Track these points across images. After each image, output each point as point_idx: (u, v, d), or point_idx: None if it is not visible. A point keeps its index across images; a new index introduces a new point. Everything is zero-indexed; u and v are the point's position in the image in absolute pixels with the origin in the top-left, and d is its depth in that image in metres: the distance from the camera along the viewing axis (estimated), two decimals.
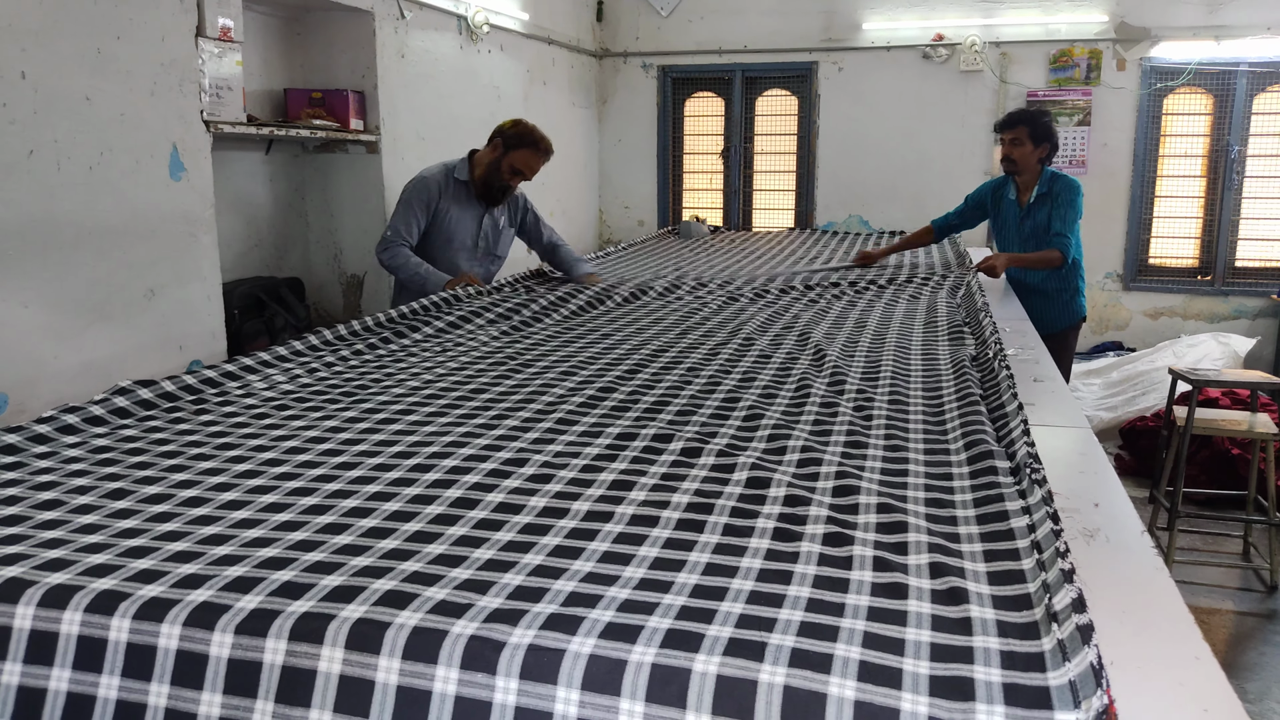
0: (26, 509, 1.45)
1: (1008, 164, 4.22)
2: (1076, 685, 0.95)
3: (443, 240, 3.63)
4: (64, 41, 2.67)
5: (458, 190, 3.63)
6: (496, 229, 3.81)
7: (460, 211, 3.64)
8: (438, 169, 3.63)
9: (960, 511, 1.47)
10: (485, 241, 3.75)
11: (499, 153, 3.56)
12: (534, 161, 3.61)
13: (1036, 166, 4.20)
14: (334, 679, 1.06)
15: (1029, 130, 4.12)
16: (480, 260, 3.80)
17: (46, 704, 1.13)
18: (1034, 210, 4.25)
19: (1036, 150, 4.15)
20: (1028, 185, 4.26)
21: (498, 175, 3.58)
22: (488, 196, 3.65)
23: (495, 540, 1.34)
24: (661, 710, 0.98)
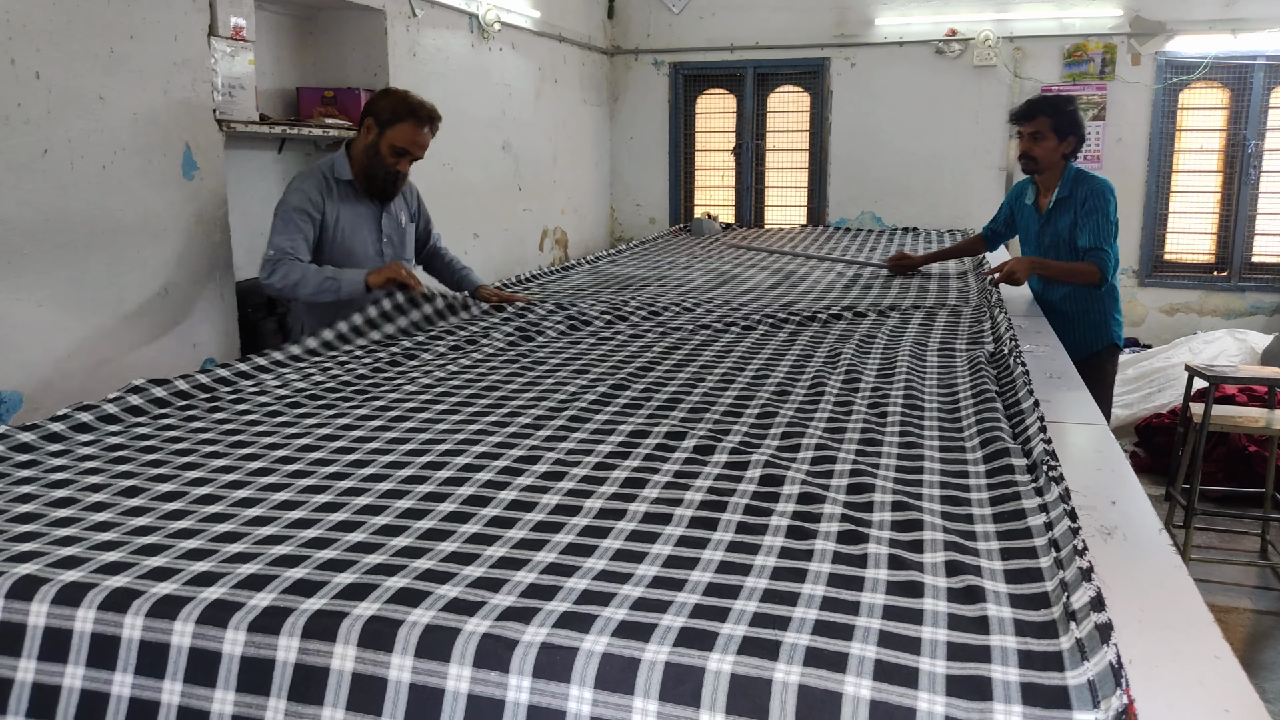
0: (41, 506, 1.46)
1: (1027, 162, 3.58)
2: (1095, 684, 0.94)
3: (340, 254, 3.04)
4: (77, 42, 2.68)
5: (343, 192, 3.05)
6: (399, 228, 3.24)
7: (353, 216, 3.06)
8: (311, 172, 3.04)
9: (976, 509, 1.45)
10: (391, 245, 3.18)
11: (374, 134, 2.99)
12: (417, 135, 3.01)
13: (1060, 163, 3.56)
14: (347, 677, 1.06)
15: (1051, 121, 3.47)
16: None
17: (61, 701, 1.13)
18: (1054, 217, 3.61)
19: (1061, 145, 3.50)
20: (1048, 186, 3.62)
21: (379, 162, 3.00)
22: (377, 190, 3.07)
23: (508, 538, 1.33)
24: (675, 709, 0.97)
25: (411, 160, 3.06)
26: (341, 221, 3.03)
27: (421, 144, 3.04)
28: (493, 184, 5.48)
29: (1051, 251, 3.65)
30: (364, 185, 3.05)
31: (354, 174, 3.04)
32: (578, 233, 6.67)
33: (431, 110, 3.05)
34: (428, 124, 3.04)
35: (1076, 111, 3.53)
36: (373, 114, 2.99)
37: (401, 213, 3.24)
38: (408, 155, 3.03)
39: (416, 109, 2.99)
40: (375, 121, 2.98)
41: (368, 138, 3.00)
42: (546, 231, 6.20)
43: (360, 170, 3.03)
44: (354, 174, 3.04)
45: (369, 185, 3.05)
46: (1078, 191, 3.52)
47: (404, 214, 3.26)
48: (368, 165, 3.01)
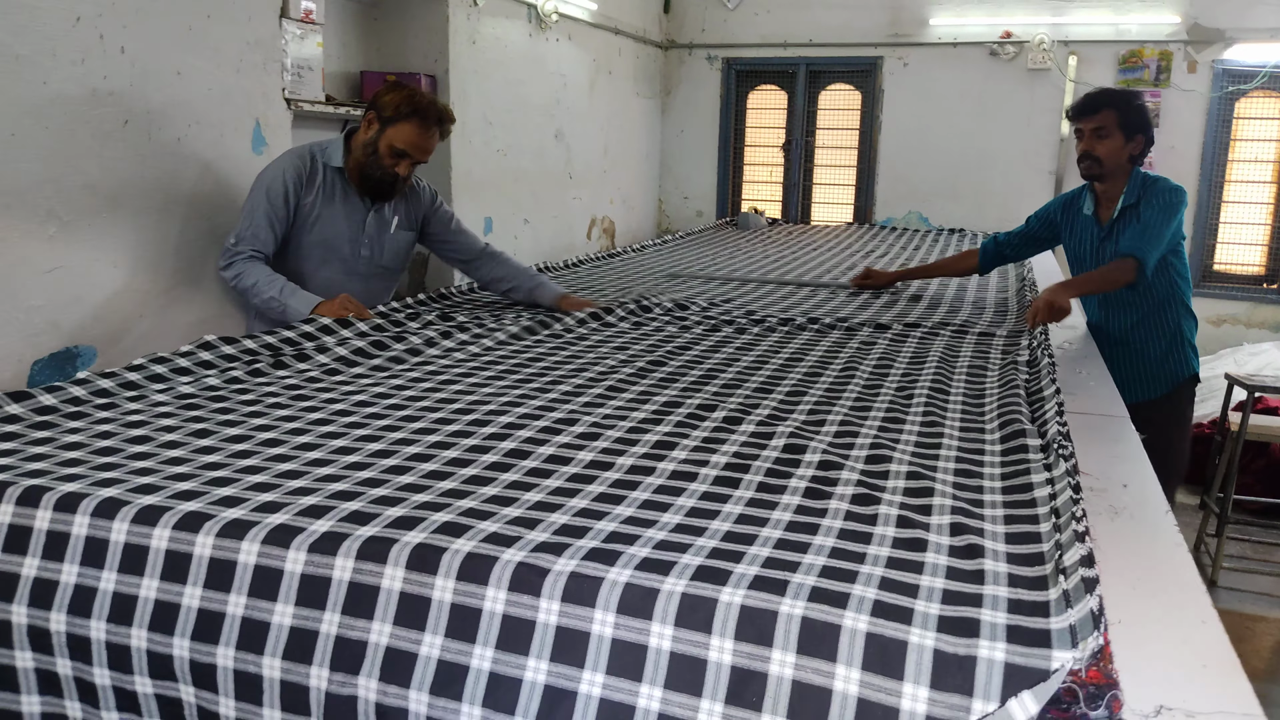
0: (119, 443, 1.60)
1: (1088, 164, 3.03)
2: (1076, 629, 1.02)
3: (309, 248, 2.78)
4: (159, 19, 2.84)
5: (330, 181, 2.77)
6: (384, 233, 2.90)
7: (332, 210, 2.77)
8: (300, 152, 2.78)
9: (987, 482, 1.54)
10: (370, 249, 2.87)
11: (374, 129, 2.71)
12: (422, 139, 2.72)
13: (1126, 167, 3.04)
14: (395, 595, 1.18)
15: (1118, 116, 2.98)
16: (361, 276, 2.89)
17: (137, 609, 1.26)
18: (1119, 230, 3.07)
19: (1128, 145, 3.00)
20: (1111, 195, 3.09)
21: (376, 161, 2.72)
22: (370, 189, 2.78)
23: (545, 486, 1.44)
24: (688, 634, 1.07)
25: (413, 164, 2.77)
26: (320, 212, 2.76)
27: (425, 147, 2.75)
28: (544, 171, 5.60)
29: None
30: (357, 181, 2.79)
31: (348, 166, 2.78)
32: (625, 223, 6.77)
33: (442, 111, 2.76)
34: (435, 126, 2.74)
35: (1145, 108, 3.06)
36: (375, 108, 2.72)
37: (394, 217, 2.91)
38: (406, 158, 2.73)
39: (423, 109, 2.70)
40: (377, 116, 2.71)
41: (368, 132, 2.73)
42: (595, 220, 6.32)
43: (355, 165, 2.77)
44: (348, 166, 2.78)
45: (362, 183, 2.78)
46: (1146, 195, 3.02)
47: (398, 218, 2.93)
48: (364, 162, 2.74)
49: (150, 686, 1.25)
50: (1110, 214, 3.10)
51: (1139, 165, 3.07)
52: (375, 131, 2.71)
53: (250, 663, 1.20)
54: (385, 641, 1.16)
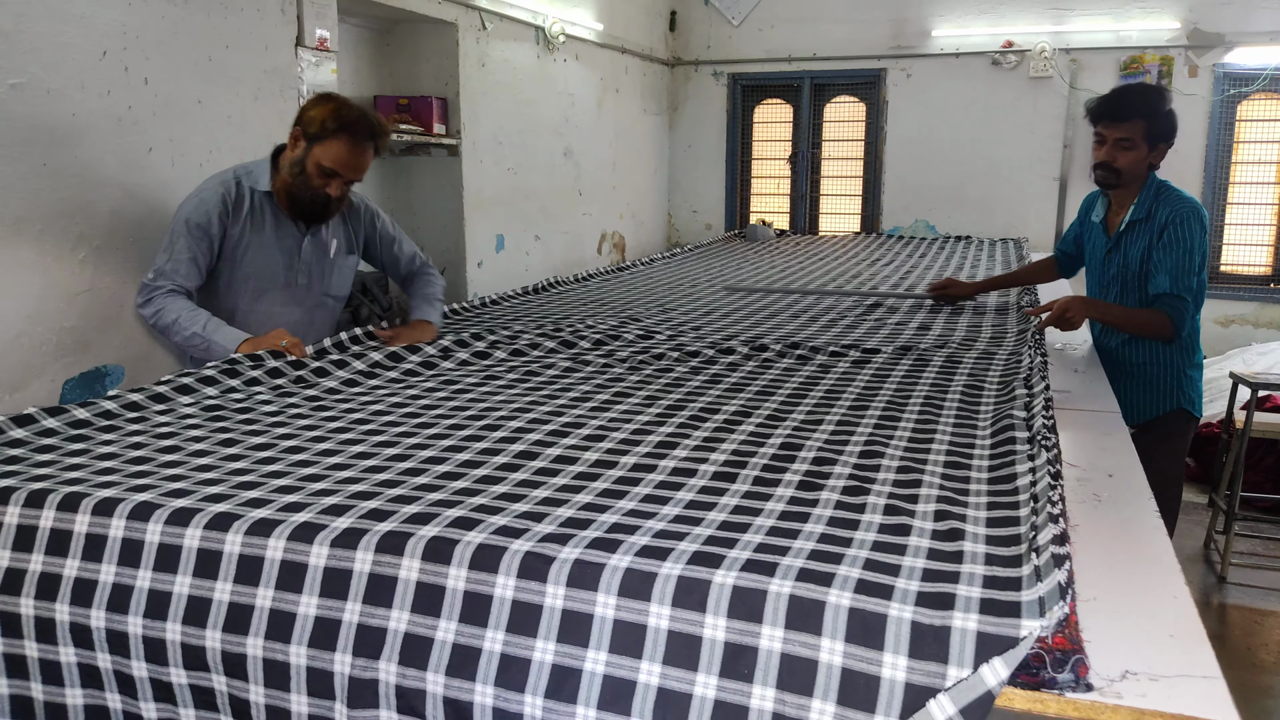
0: (151, 452, 1.69)
1: (1105, 174, 2.77)
2: (1044, 600, 1.09)
3: (241, 281, 2.56)
4: (180, 51, 2.96)
5: (259, 206, 2.56)
6: (324, 258, 2.69)
7: (263, 238, 2.56)
8: (223, 177, 2.55)
9: (974, 474, 1.61)
10: (308, 276, 2.66)
11: (301, 147, 2.48)
12: (352, 156, 2.49)
13: (1143, 174, 2.79)
14: (412, 585, 1.26)
15: (1147, 125, 2.69)
16: (302, 306, 2.68)
17: (171, 605, 1.35)
18: (1126, 242, 2.83)
19: (1151, 154, 2.74)
20: (1122, 202, 2.84)
21: (304, 182, 2.50)
22: (301, 213, 2.57)
23: (551, 484, 1.53)
24: (685, 613, 1.15)
25: (346, 183, 2.54)
26: (248, 241, 2.54)
27: (357, 165, 2.51)
28: (554, 188, 5.72)
29: (1115, 286, 2.88)
30: (285, 204, 2.58)
31: (275, 188, 2.57)
32: (635, 237, 6.88)
33: (375, 124, 2.52)
34: (367, 141, 2.50)
35: (1173, 113, 2.75)
36: (301, 123, 2.49)
37: (334, 239, 2.70)
38: (337, 177, 2.50)
39: (352, 123, 2.46)
40: (303, 133, 2.48)
41: (294, 151, 2.50)
42: (605, 235, 6.42)
43: (283, 186, 2.55)
44: (275, 188, 2.57)
45: (292, 206, 2.57)
46: (1158, 212, 2.73)
47: (337, 241, 2.71)
48: (292, 183, 2.52)
49: (185, 677, 1.34)
50: (1119, 223, 2.84)
51: (1155, 171, 2.80)
52: (302, 150, 2.48)
53: (278, 651, 1.28)
54: (404, 628, 1.24)
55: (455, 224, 4.74)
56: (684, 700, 1.12)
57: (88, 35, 2.68)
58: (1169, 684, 1.05)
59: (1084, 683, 1.04)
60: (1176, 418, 2.90)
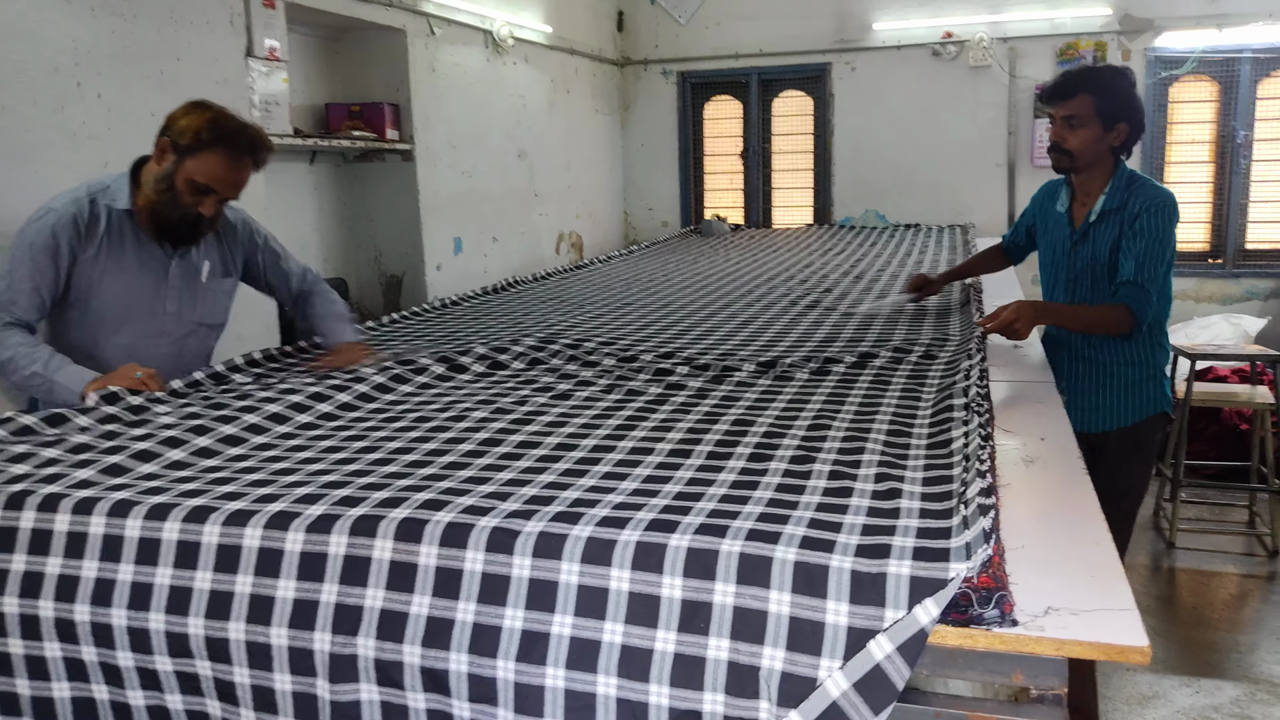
0: (127, 459, 1.74)
1: (1057, 156, 2.63)
2: (970, 545, 1.19)
3: (99, 311, 2.27)
4: (131, 65, 3.00)
5: (117, 227, 2.26)
6: (195, 283, 2.41)
7: (122, 262, 2.28)
8: (74, 196, 2.25)
9: (914, 440, 1.71)
10: (176, 304, 2.38)
11: (170, 160, 2.20)
12: (230, 171, 2.23)
13: (1106, 160, 2.62)
14: (385, 564, 1.33)
15: (1095, 101, 2.53)
16: (171, 337, 2.39)
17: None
18: (1094, 234, 2.64)
19: (1108, 134, 2.56)
20: (1089, 191, 2.67)
21: (173, 199, 2.21)
22: (168, 233, 2.29)
23: (514, 467, 1.60)
24: (644, 575, 1.23)
25: (220, 201, 2.27)
26: (104, 267, 2.25)
27: (235, 181, 2.25)
28: (510, 190, 5.77)
29: (1084, 281, 2.70)
30: (149, 225, 2.27)
31: (137, 206, 2.26)
32: (592, 236, 6.95)
33: (254, 137, 2.26)
34: (246, 155, 2.24)
35: (1132, 90, 2.59)
36: (170, 134, 2.20)
37: (206, 261, 2.42)
38: (211, 194, 2.22)
39: (230, 135, 2.20)
40: (173, 145, 2.19)
41: (162, 164, 2.20)
42: (562, 235, 6.49)
43: (147, 205, 2.24)
44: (137, 206, 2.26)
45: (157, 226, 2.26)
46: (1131, 202, 2.56)
47: (209, 263, 2.43)
48: (157, 201, 2.22)
49: (170, 664, 1.40)
50: (1086, 214, 2.67)
51: (1123, 156, 2.63)
52: (171, 163, 2.19)
53: (259, 634, 1.35)
54: (379, 605, 1.31)
55: (412, 228, 4.79)
56: (646, 655, 1.20)
57: (38, 52, 2.71)
58: (1088, 617, 1.15)
59: (1010, 619, 1.13)
60: (1155, 422, 2.74)
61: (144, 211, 2.26)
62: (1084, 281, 2.70)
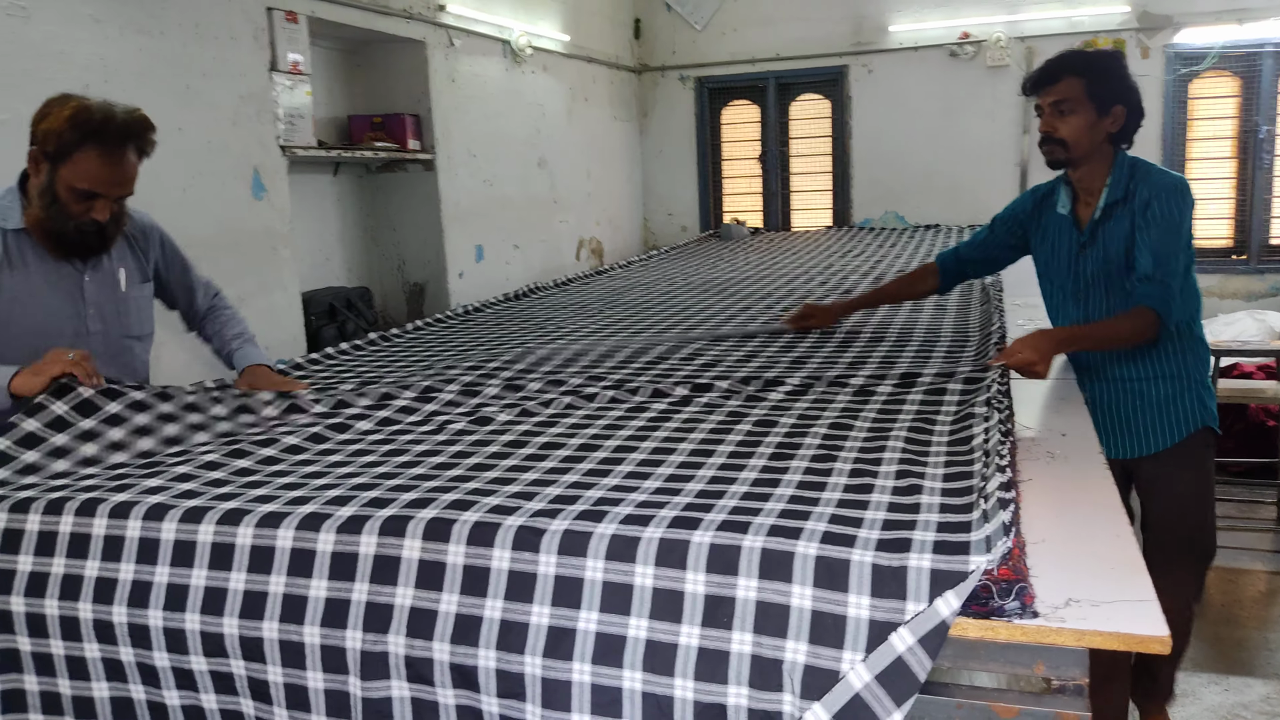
0: (164, 456, 1.78)
1: (1050, 148, 2.33)
2: (991, 539, 1.20)
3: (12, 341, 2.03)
4: (160, 81, 3.06)
5: (15, 249, 2.06)
6: (115, 294, 2.20)
7: (30, 284, 2.07)
8: None
9: (936, 438, 1.72)
10: (100, 321, 2.17)
11: (45, 171, 2.00)
12: (108, 169, 2.00)
13: (1105, 150, 2.33)
14: (415, 563, 1.36)
15: (1085, 85, 2.27)
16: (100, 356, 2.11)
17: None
18: (1102, 233, 2.35)
19: (1102, 120, 2.28)
20: (1090, 187, 2.37)
21: (60, 212, 2.02)
22: (68, 248, 2.09)
23: (539, 468, 1.63)
24: (667, 571, 1.26)
25: (114, 202, 2.05)
26: (12, 294, 2.04)
27: (119, 179, 2.02)
28: (530, 198, 5.82)
29: (1096, 290, 2.38)
30: (47, 243, 2.07)
31: (29, 224, 2.06)
32: (612, 242, 6.99)
33: (127, 123, 2.02)
34: (123, 146, 2.00)
35: (1124, 72, 2.34)
36: (36, 141, 1.99)
37: (121, 269, 2.21)
38: (96, 198, 2.01)
39: (98, 129, 1.97)
40: (41, 153, 1.99)
41: (38, 176, 2.01)
42: (583, 242, 6.53)
43: (37, 223, 2.05)
44: (29, 224, 2.06)
45: (57, 243, 2.06)
46: (1138, 191, 2.29)
47: (125, 270, 2.22)
48: (45, 216, 2.02)
49: (205, 664, 1.43)
50: (1091, 214, 2.36)
51: (1124, 145, 2.36)
52: (46, 173, 1.99)
53: (293, 633, 1.38)
54: (409, 603, 1.34)
55: (435, 237, 4.84)
56: (670, 650, 1.22)
57: (68, 70, 2.77)
58: (1108, 608, 1.16)
59: (1030, 610, 1.15)
60: (1199, 440, 2.39)
61: (37, 229, 2.06)
62: (1096, 290, 2.38)
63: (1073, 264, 2.44)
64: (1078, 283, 2.43)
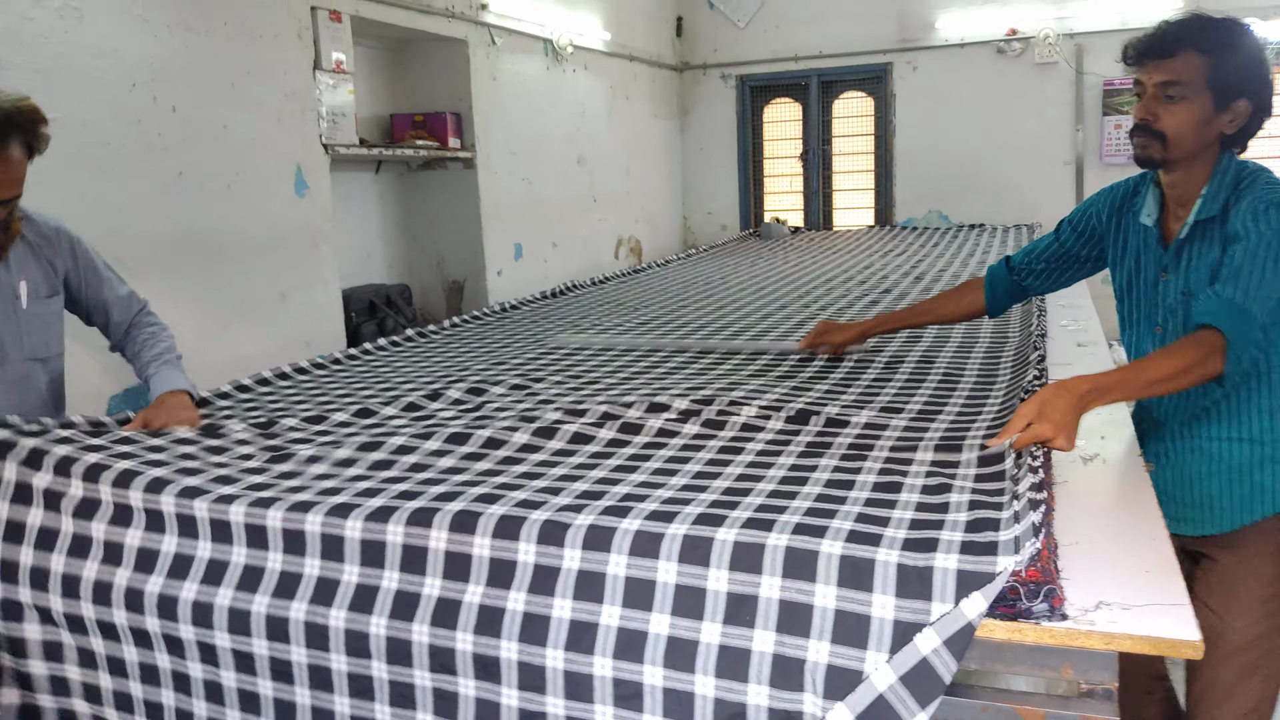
0: (199, 450, 1.81)
1: (1143, 141, 1.76)
2: (1020, 540, 1.18)
3: None
4: (205, 79, 3.11)
5: None
6: (13, 310, 1.96)
7: None
8: None
9: (970, 437, 1.70)
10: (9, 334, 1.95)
11: None
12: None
13: (1211, 152, 1.76)
14: (441, 554, 1.37)
15: (1208, 65, 1.70)
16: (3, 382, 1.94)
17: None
18: (1190, 253, 1.80)
19: (1219, 116, 1.72)
20: (1182, 198, 1.82)
21: None
22: None
23: (565, 463, 1.64)
24: (690, 568, 1.25)
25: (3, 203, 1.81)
26: None
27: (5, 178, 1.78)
28: (569, 196, 5.84)
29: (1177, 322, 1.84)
30: None
31: None
32: (651, 241, 6.98)
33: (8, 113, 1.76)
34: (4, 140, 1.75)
35: (1260, 54, 1.75)
36: None
37: (22, 281, 1.96)
38: None
39: None
40: None
41: None
42: (621, 240, 6.54)
43: None
44: None
45: None
46: (1243, 200, 1.71)
47: (27, 282, 1.97)
48: None
49: (228, 641, 1.45)
50: (1180, 226, 1.81)
51: (1237, 149, 1.78)
52: None
53: (319, 615, 1.39)
54: (436, 593, 1.35)
55: (474, 234, 4.88)
56: (691, 647, 1.22)
57: (118, 68, 2.83)
58: (1139, 612, 1.14)
59: (1059, 613, 1.13)
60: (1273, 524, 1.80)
61: None
62: (1173, 325, 1.84)
63: (1152, 290, 1.89)
64: (1151, 312, 1.90)
